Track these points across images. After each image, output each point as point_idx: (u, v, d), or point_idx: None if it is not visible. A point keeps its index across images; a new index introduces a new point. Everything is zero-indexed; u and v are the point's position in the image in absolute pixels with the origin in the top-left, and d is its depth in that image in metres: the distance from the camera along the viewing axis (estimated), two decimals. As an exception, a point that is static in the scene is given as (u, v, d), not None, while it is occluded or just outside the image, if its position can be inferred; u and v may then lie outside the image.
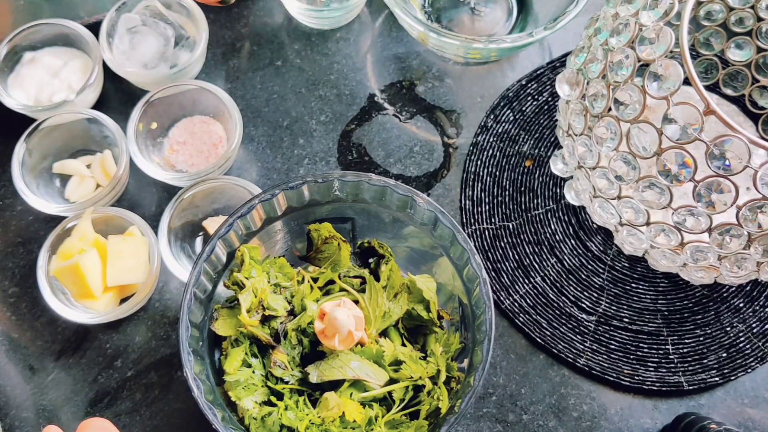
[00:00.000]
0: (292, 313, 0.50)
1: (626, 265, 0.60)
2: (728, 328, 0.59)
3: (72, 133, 0.61)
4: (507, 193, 0.62)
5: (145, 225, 0.57)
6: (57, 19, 0.63)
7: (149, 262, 0.56)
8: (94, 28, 0.64)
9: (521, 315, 0.59)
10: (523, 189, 0.63)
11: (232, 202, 0.60)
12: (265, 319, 0.49)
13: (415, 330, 0.53)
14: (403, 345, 0.52)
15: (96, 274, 0.55)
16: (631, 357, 0.58)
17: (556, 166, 0.57)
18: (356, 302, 0.51)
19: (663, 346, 0.58)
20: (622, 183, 0.46)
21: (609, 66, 0.46)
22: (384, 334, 0.52)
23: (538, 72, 0.66)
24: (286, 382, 0.49)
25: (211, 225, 0.60)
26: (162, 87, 0.60)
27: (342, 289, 0.52)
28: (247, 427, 0.47)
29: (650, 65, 0.43)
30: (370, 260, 0.54)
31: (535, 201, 0.62)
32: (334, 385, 0.49)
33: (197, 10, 0.64)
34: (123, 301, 0.58)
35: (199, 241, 0.60)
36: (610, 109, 0.46)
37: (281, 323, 0.49)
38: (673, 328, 0.59)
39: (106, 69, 0.64)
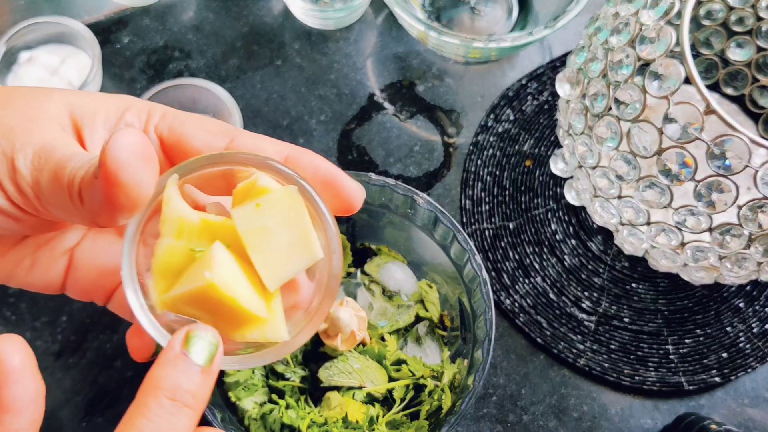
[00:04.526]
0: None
1: (626, 265, 0.60)
2: (728, 328, 0.59)
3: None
4: (507, 192, 0.62)
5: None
6: (51, 17, 0.62)
7: (316, 224, 0.29)
8: (91, 27, 0.63)
9: (521, 315, 0.59)
10: (523, 189, 0.62)
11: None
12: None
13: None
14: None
15: (243, 284, 0.29)
16: (632, 357, 0.58)
17: (557, 166, 0.57)
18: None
19: (663, 346, 0.58)
20: (622, 183, 0.46)
21: (609, 65, 0.46)
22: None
23: (539, 71, 0.66)
24: (287, 379, 0.49)
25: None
26: (160, 87, 0.60)
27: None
28: (247, 428, 0.47)
29: (651, 64, 0.43)
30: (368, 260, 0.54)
31: (536, 201, 0.62)
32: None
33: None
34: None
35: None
36: (610, 109, 0.46)
37: None
38: (674, 328, 0.58)
39: (105, 66, 0.64)
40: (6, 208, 0.28)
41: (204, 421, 0.44)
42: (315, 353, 0.50)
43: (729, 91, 0.61)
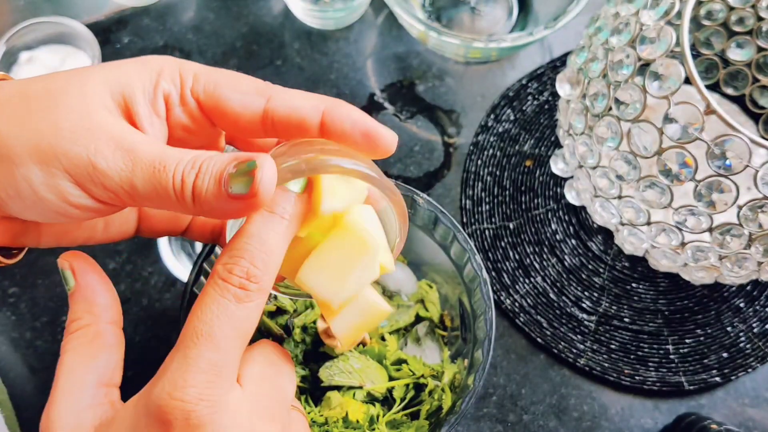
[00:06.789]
0: (296, 311, 0.50)
1: (627, 265, 0.60)
2: (729, 328, 0.59)
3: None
4: (507, 192, 0.62)
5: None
6: (51, 17, 0.63)
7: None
8: (91, 27, 0.64)
9: (522, 315, 0.59)
10: (523, 189, 0.62)
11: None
12: (272, 316, 0.49)
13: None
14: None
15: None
16: (632, 357, 0.58)
17: (557, 166, 0.57)
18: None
19: (663, 346, 0.58)
20: (622, 183, 0.46)
21: (609, 65, 0.46)
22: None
23: (539, 71, 0.66)
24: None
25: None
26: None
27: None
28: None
29: (651, 64, 0.43)
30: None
31: (536, 201, 0.62)
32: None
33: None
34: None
35: (199, 240, 0.60)
36: (610, 109, 0.46)
37: (289, 318, 0.49)
38: (674, 328, 0.58)
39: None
40: (93, 206, 0.30)
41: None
42: (315, 353, 0.49)
43: (729, 91, 0.61)
